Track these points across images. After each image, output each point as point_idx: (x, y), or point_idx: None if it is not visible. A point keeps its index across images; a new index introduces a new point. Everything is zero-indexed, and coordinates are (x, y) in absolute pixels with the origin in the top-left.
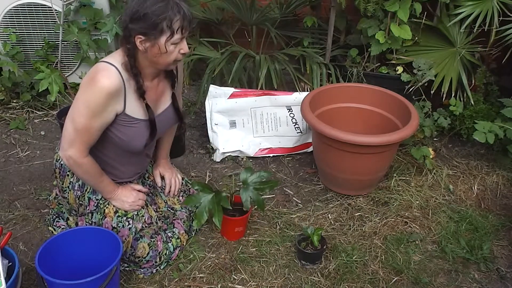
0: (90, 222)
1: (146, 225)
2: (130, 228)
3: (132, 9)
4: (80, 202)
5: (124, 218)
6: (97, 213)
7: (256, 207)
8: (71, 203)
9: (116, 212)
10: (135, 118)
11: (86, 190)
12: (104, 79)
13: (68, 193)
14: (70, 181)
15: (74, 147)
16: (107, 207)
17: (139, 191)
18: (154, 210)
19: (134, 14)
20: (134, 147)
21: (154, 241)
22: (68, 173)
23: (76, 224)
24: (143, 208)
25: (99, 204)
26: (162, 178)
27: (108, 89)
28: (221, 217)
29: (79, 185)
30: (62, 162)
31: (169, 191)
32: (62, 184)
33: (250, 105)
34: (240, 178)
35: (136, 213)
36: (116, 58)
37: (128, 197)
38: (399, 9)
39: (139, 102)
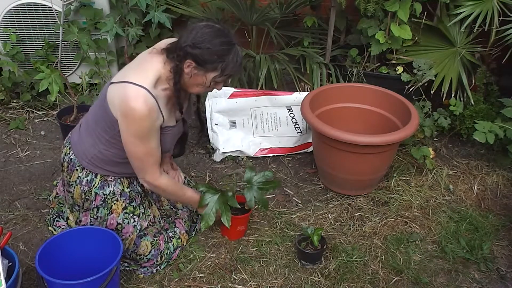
0: (95, 216)
1: (151, 223)
2: (135, 225)
3: (199, 36)
4: (86, 197)
5: (131, 215)
6: (104, 208)
7: (259, 206)
8: (75, 198)
9: (124, 208)
10: (168, 126)
11: (93, 186)
12: (140, 106)
13: (74, 187)
14: (78, 176)
15: (147, 173)
16: (114, 203)
17: None
18: (157, 208)
19: (199, 42)
20: (163, 151)
21: (156, 240)
22: (77, 168)
23: (79, 221)
24: (149, 208)
25: (106, 200)
26: None
27: (148, 113)
28: (229, 216)
29: (87, 180)
30: (71, 157)
31: None
32: (69, 178)
33: (250, 105)
34: (244, 178)
35: (143, 211)
36: (147, 77)
37: None
38: (399, 9)
39: (169, 111)
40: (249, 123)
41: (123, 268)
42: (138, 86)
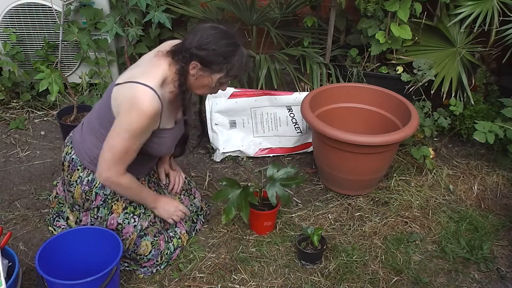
0: (95, 216)
1: (151, 223)
2: (135, 225)
3: (204, 38)
4: (87, 197)
5: (131, 215)
6: (104, 208)
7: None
8: (75, 197)
9: (124, 208)
10: (165, 129)
11: (94, 186)
12: (146, 104)
13: (75, 187)
14: (79, 176)
15: (113, 169)
16: (115, 203)
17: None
18: None
19: (204, 44)
20: (161, 152)
21: (157, 240)
22: (78, 167)
23: (79, 221)
24: None
25: (106, 199)
26: (167, 175)
27: (150, 114)
28: (248, 212)
29: (88, 180)
30: (73, 156)
31: (172, 188)
32: (70, 178)
33: (250, 105)
34: (266, 174)
35: (143, 211)
36: (154, 78)
37: (170, 206)
38: (399, 9)
39: (169, 114)
40: (249, 123)
41: (123, 268)
42: (146, 86)
